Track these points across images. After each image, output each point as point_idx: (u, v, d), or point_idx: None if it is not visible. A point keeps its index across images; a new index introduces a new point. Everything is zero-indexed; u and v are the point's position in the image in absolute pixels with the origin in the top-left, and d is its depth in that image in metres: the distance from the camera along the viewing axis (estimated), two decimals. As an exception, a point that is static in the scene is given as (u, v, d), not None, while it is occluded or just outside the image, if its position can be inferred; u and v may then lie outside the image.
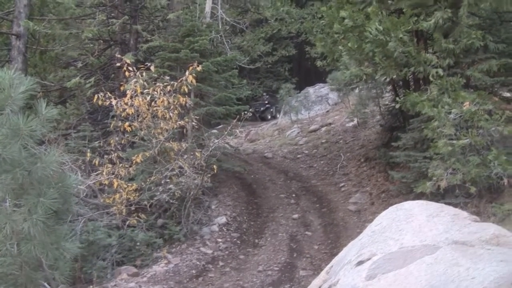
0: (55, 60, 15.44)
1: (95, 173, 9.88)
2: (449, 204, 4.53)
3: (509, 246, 3.38)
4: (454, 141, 8.67)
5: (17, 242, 5.38)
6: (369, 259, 3.56)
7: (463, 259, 3.18)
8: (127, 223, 9.40)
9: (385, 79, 12.45)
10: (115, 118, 10.25)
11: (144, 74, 9.78)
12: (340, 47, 11.55)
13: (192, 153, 10.28)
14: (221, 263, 9.61)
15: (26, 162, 5.22)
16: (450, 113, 8.86)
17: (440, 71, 9.73)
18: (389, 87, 14.68)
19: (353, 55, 11.23)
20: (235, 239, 10.70)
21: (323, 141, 17.57)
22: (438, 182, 8.73)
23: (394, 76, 11.48)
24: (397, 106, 10.98)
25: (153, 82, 10.08)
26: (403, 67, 10.28)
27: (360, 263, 3.58)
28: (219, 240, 10.51)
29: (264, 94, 24.50)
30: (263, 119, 24.95)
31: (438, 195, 8.77)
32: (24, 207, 5.34)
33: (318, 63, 15.15)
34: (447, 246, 3.38)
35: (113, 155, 9.80)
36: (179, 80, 9.84)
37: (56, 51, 14.52)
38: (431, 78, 9.83)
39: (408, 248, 3.50)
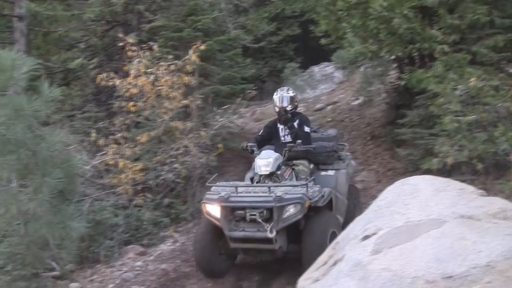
0: (58, 42, 15.31)
1: (100, 154, 9.88)
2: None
3: (516, 220, 3.37)
4: (461, 118, 8.59)
5: (24, 222, 5.42)
6: (374, 233, 3.55)
7: (470, 233, 3.16)
8: (134, 202, 9.42)
9: (390, 56, 12.37)
10: (119, 99, 10.23)
11: (147, 53, 9.72)
12: (344, 25, 11.45)
13: (197, 132, 10.26)
14: (227, 242, 9.62)
15: (30, 142, 5.22)
16: (456, 89, 8.78)
17: (446, 48, 9.61)
18: (395, 65, 14.59)
19: (357, 32, 11.14)
20: (241, 218, 10.68)
21: (329, 119, 17.50)
22: (444, 158, 8.67)
23: (399, 53, 11.41)
24: (403, 83, 10.91)
25: (156, 62, 10.03)
26: (408, 44, 10.19)
27: (365, 237, 3.56)
28: (226, 219, 10.49)
29: None
30: None
31: (445, 172, 8.69)
32: (29, 188, 5.36)
33: (322, 41, 14.99)
34: (453, 220, 3.37)
35: (118, 135, 9.78)
36: (182, 60, 9.77)
37: (59, 33, 14.40)
38: (436, 55, 9.73)
39: (414, 222, 3.48)
